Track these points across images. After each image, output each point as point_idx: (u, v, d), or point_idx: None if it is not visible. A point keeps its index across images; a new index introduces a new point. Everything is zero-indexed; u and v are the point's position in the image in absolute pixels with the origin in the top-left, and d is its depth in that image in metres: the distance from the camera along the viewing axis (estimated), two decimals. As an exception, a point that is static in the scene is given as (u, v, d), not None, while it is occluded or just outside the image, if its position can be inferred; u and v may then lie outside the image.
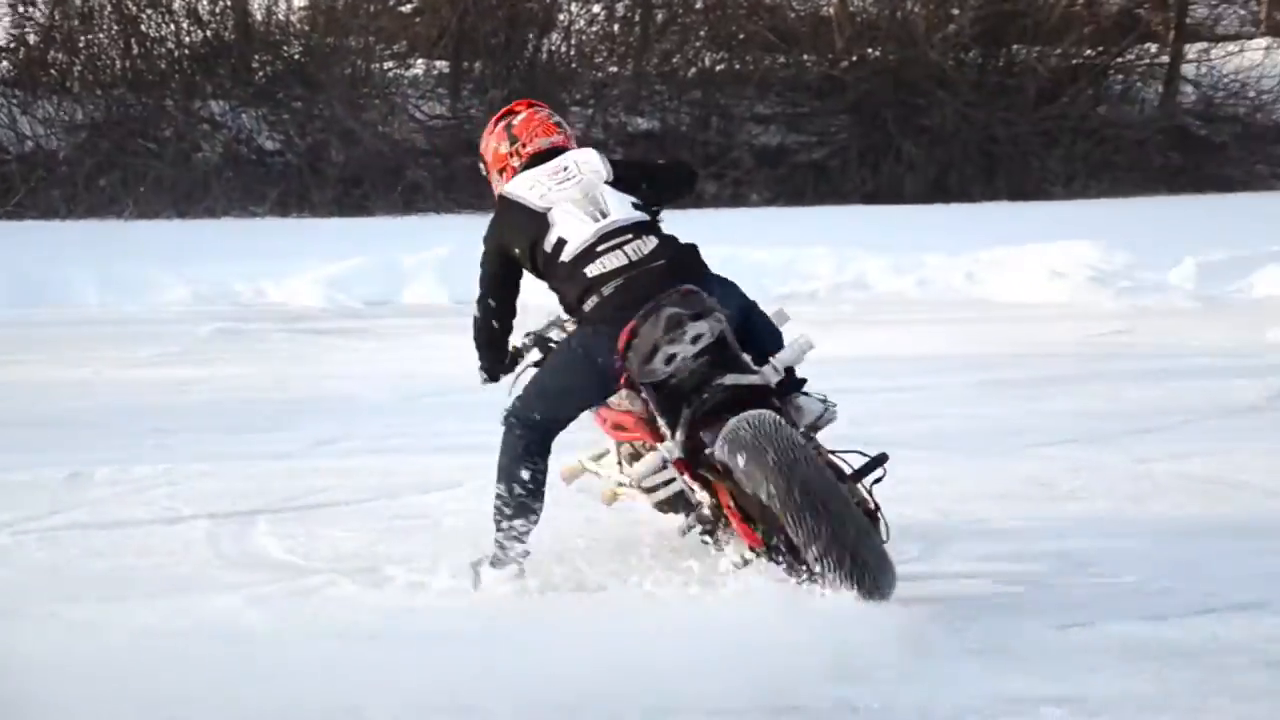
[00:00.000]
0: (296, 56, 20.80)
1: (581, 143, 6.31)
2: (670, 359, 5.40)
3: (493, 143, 6.08)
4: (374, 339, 11.82)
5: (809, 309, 12.59)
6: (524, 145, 6.03)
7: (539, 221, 5.74)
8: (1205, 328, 11.47)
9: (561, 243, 5.69)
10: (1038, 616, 5.30)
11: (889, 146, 20.34)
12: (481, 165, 6.15)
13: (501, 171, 6.04)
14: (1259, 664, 4.83)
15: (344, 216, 18.59)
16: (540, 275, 5.80)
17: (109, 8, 20.13)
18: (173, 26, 20.54)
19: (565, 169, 5.87)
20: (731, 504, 5.45)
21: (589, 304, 5.61)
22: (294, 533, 6.50)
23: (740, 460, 5.23)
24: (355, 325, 12.32)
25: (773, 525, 5.29)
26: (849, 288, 13.34)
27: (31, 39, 20.33)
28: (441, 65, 21.33)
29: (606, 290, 5.60)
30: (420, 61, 21.43)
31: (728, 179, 19.76)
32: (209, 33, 20.85)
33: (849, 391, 8.82)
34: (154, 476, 7.22)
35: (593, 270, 5.63)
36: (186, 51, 20.64)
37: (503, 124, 6.09)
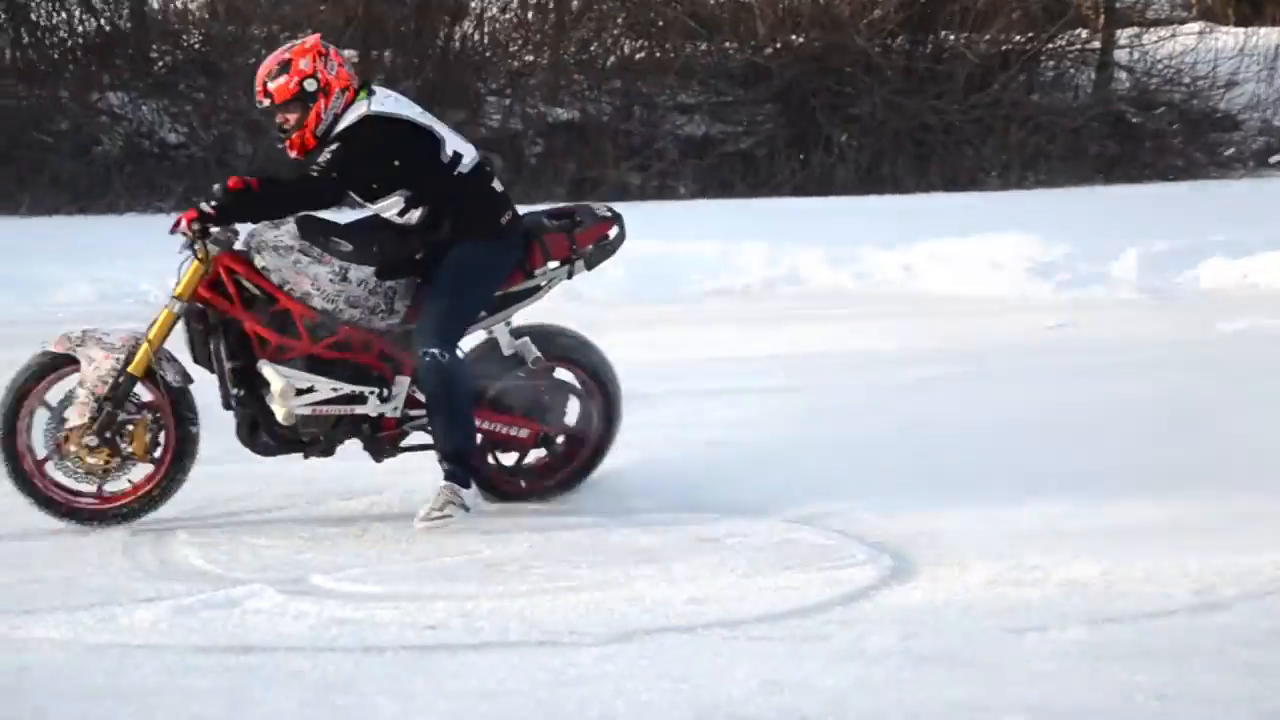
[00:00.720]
0: (197, 46, 20.64)
1: None
2: None
3: (333, 64, 6.58)
4: (288, 339, 11.69)
5: (742, 305, 12.66)
6: (355, 76, 6.67)
7: (431, 136, 6.57)
8: (1152, 320, 11.55)
9: (459, 156, 6.61)
10: (991, 620, 5.33)
11: (818, 136, 20.39)
12: (310, 82, 6.49)
13: (344, 90, 6.56)
14: (1224, 665, 4.88)
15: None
16: (416, 185, 6.51)
17: (-7, -5, 19.91)
18: (64, 15, 20.31)
19: (396, 98, 6.71)
20: None
21: (506, 218, 6.66)
22: (215, 542, 6.46)
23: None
24: (267, 324, 12.20)
25: None
26: (782, 282, 13.33)
27: (-88, 26, 20.07)
28: (350, 55, 21.19)
29: (514, 208, 6.71)
30: (327, 51, 21.31)
31: (653, 170, 19.77)
32: (103, 21, 20.65)
33: (791, 390, 8.97)
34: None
35: (498, 187, 6.72)
36: (80, 41, 20.42)
37: (333, 50, 6.66)
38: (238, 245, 6.56)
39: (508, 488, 6.95)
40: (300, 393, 6.53)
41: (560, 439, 6.98)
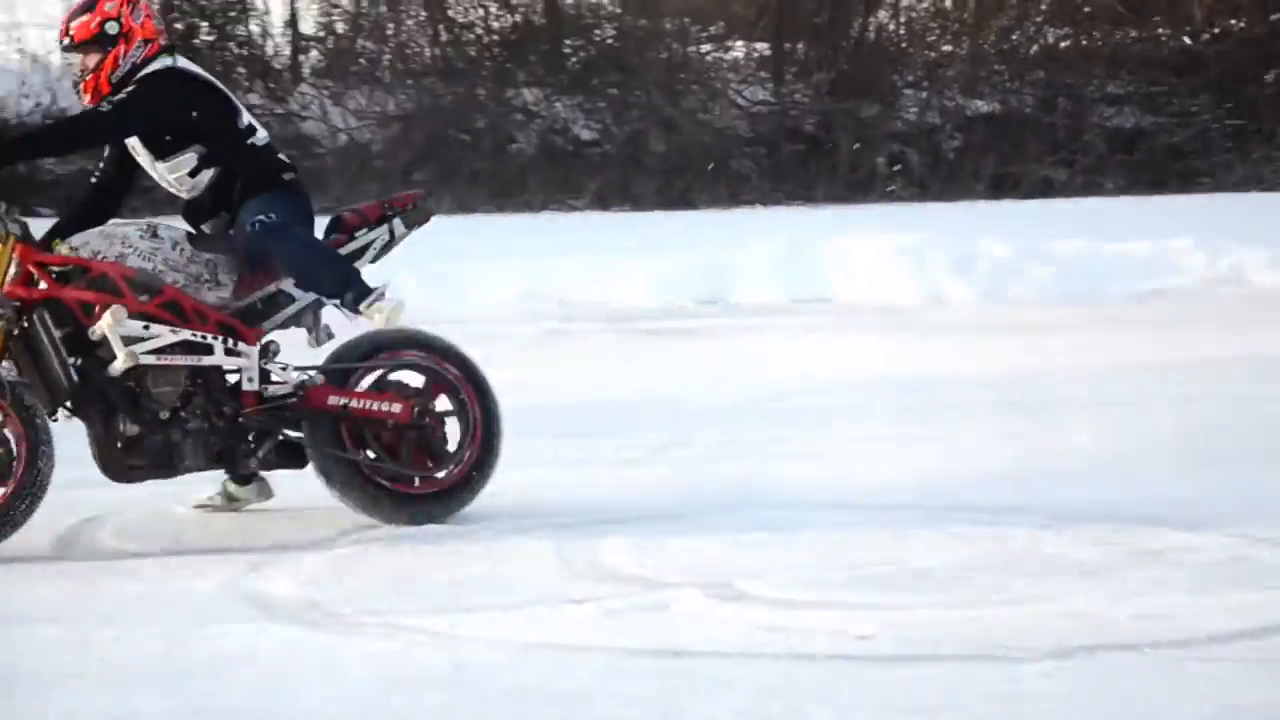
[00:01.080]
0: (609, 41, 21.09)
1: None
2: None
3: (140, 13, 6.65)
4: (705, 339, 11.90)
5: (1180, 305, 12.39)
6: (163, 33, 6.83)
7: (232, 104, 6.80)
8: None
9: (253, 128, 6.82)
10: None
11: (1259, 128, 19.82)
12: (112, 25, 6.55)
13: (147, 42, 6.63)
14: None
15: (667, 210, 18.71)
16: (211, 142, 6.64)
17: (415, -7, 20.72)
18: (481, 11, 21.04)
19: (199, 68, 6.90)
20: None
21: (289, 175, 6.83)
22: (643, 544, 6.56)
23: None
24: (685, 325, 12.42)
25: None
26: (1224, 283, 13.03)
27: (340, 27, 21.02)
28: (762, 47, 21.41)
29: (298, 175, 6.94)
30: (739, 44, 21.55)
31: (1078, 165, 19.49)
32: (518, 17, 21.27)
33: (1239, 400, 8.74)
34: (493, 484, 7.34)
35: (283, 157, 6.92)
36: (495, 37, 21.09)
37: (143, 1, 6.71)
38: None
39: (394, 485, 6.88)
40: (141, 340, 6.42)
41: (436, 424, 6.95)
